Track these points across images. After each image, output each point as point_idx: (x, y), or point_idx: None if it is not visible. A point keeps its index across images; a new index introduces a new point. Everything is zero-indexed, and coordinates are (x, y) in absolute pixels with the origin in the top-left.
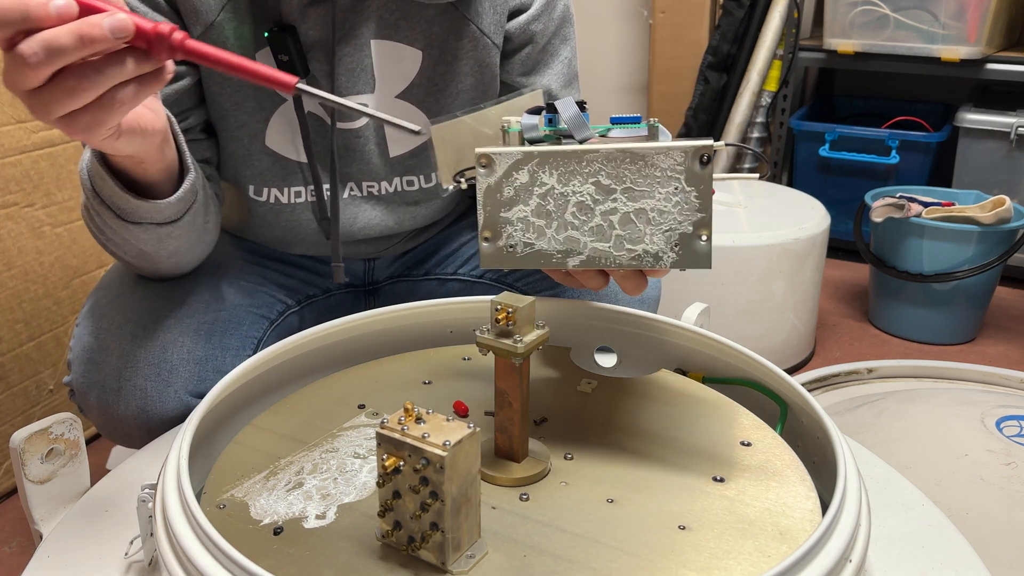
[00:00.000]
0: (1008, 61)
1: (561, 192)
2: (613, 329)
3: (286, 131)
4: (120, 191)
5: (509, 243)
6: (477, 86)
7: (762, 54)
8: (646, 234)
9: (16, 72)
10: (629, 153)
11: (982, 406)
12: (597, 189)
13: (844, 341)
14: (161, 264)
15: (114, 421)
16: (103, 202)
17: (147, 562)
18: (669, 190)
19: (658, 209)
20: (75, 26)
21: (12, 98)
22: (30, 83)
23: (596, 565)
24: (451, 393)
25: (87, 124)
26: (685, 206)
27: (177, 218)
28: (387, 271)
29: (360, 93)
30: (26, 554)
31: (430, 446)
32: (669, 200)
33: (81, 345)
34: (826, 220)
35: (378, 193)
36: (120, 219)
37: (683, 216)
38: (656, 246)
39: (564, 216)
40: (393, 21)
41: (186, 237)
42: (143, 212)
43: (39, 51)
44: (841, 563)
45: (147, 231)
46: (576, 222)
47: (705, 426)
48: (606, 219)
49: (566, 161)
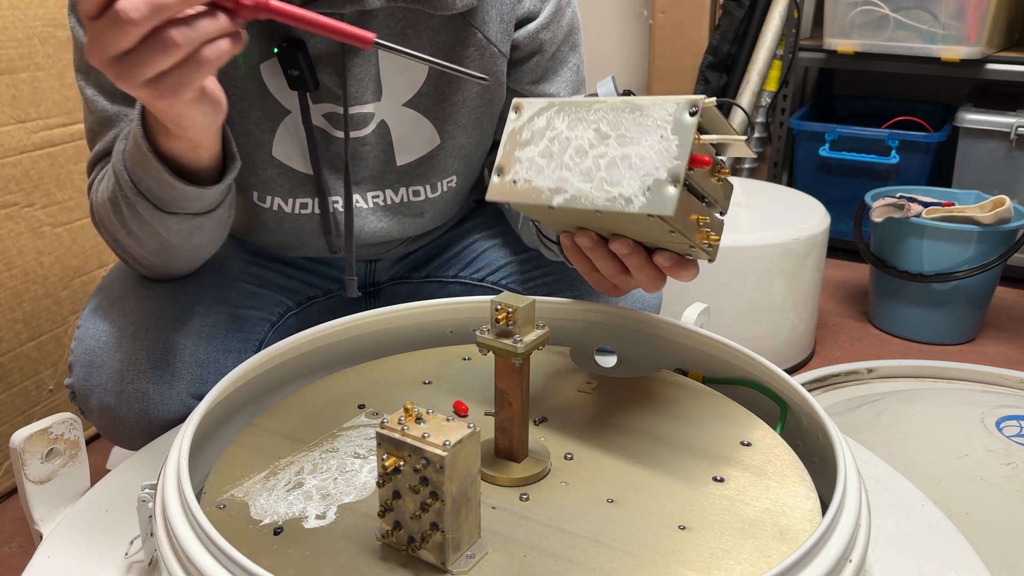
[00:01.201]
0: (1008, 61)
1: (566, 136)
2: (613, 329)
3: (293, 142)
4: (169, 177)
5: (513, 178)
6: (483, 94)
7: (762, 54)
8: (624, 177)
9: (111, 34)
10: (630, 104)
11: (982, 406)
12: (596, 135)
13: (844, 341)
14: (178, 259)
15: (115, 424)
16: (140, 192)
17: (147, 562)
18: (655, 138)
19: (641, 155)
20: None
21: (12, 98)
22: (123, 44)
23: (596, 565)
24: (451, 393)
25: (174, 85)
26: (665, 154)
27: (213, 208)
28: (388, 273)
29: (367, 103)
30: (26, 554)
31: (430, 446)
32: (653, 148)
33: (83, 347)
34: (826, 220)
35: (383, 203)
36: (157, 209)
37: (660, 162)
38: (630, 190)
39: (563, 158)
40: (400, 30)
41: (214, 230)
42: (186, 200)
43: (141, 6)
44: (841, 563)
45: (181, 222)
46: (571, 163)
47: (705, 426)
48: (596, 162)
49: (577, 109)
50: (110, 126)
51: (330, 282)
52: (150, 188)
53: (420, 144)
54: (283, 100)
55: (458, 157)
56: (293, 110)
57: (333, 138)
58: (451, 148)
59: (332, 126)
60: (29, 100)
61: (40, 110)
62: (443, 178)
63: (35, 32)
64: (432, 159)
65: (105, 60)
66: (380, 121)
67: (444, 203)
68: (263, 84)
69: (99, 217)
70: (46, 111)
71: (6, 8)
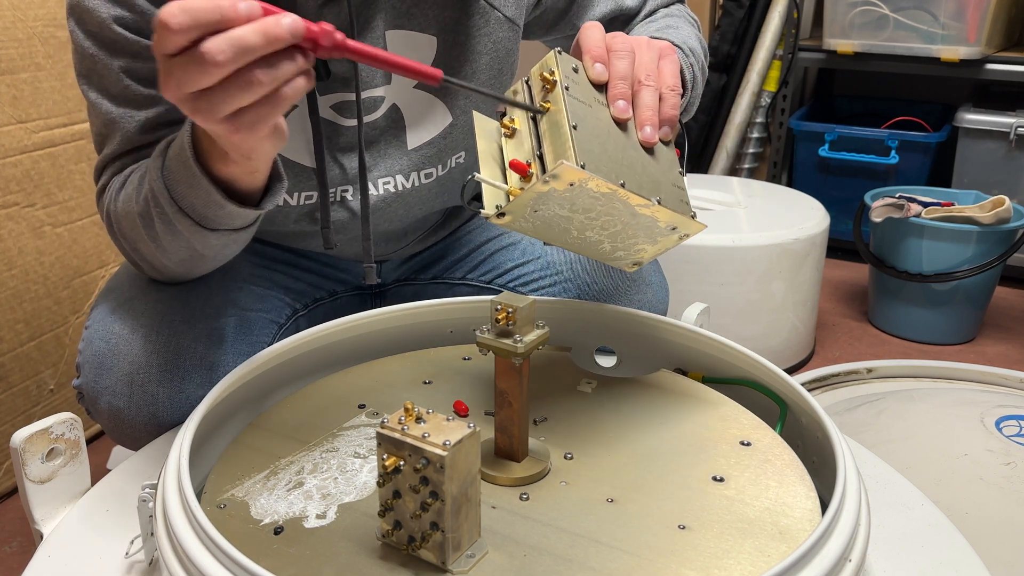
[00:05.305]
0: (1008, 61)
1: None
2: (613, 329)
3: (299, 136)
4: (221, 199)
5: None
6: (492, 65)
7: (762, 54)
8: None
9: (193, 72)
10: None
11: (982, 406)
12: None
13: (844, 341)
14: (201, 268)
15: (124, 426)
16: (182, 210)
17: (147, 562)
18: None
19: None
20: (259, 25)
21: (12, 98)
22: (204, 83)
23: (596, 565)
24: (451, 393)
25: (251, 121)
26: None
27: (254, 222)
28: (394, 274)
29: (377, 86)
30: (26, 554)
31: (430, 446)
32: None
33: (92, 349)
34: (826, 220)
35: (394, 189)
36: (199, 226)
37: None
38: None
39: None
40: (405, 10)
41: (247, 241)
42: (231, 219)
43: (227, 49)
44: (841, 563)
45: (220, 237)
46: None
47: (705, 426)
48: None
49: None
50: (116, 129)
51: (336, 284)
52: (194, 207)
53: (433, 125)
54: None
55: (469, 133)
56: (300, 103)
57: (342, 128)
58: (463, 125)
59: (341, 115)
60: (30, 100)
61: (41, 110)
62: (453, 155)
63: (36, 32)
64: (445, 138)
65: (182, 96)
66: (391, 105)
67: (452, 182)
68: None
69: (119, 227)
70: (47, 111)
71: (6, 8)
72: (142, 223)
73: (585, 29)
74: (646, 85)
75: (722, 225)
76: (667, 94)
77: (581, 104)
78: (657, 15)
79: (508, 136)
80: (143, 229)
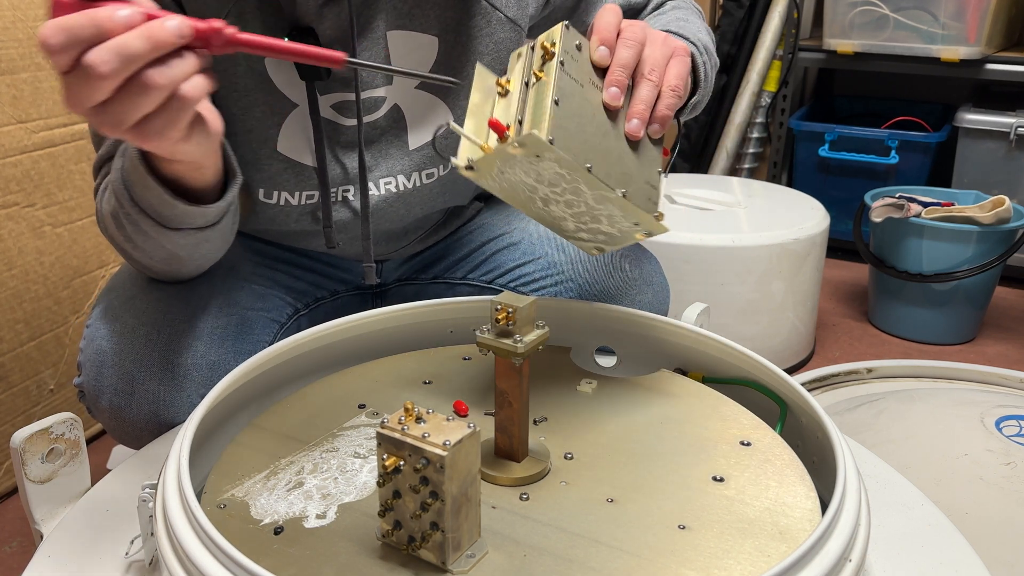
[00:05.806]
0: (1008, 61)
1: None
2: (613, 329)
3: (300, 136)
4: (171, 199)
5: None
6: (494, 65)
7: (762, 54)
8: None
9: (85, 87)
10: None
11: (982, 406)
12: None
13: (844, 341)
14: (186, 267)
15: (125, 424)
16: (143, 211)
17: (147, 562)
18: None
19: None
20: (142, 31)
21: (12, 98)
22: (99, 95)
23: (596, 565)
24: (451, 393)
25: (160, 127)
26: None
27: (217, 221)
28: (395, 274)
29: (378, 86)
30: (26, 554)
31: (430, 446)
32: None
33: (93, 348)
34: (826, 220)
35: (396, 189)
36: (160, 226)
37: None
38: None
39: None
40: (407, 10)
41: (220, 238)
42: (189, 218)
43: (111, 59)
44: (841, 563)
45: (186, 236)
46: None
47: (705, 426)
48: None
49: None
50: None
51: (337, 283)
52: (152, 206)
53: (434, 125)
54: (290, 93)
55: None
56: (300, 103)
57: (343, 127)
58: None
59: (341, 115)
60: (30, 100)
61: (41, 110)
62: (453, 154)
63: (35, 32)
64: (446, 138)
65: (85, 111)
66: (393, 105)
67: (453, 182)
68: (268, 79)
69: (105, 227)
70: (47, 111)
71: (6, 8)
72: (115, 224)
73: (603, 11)
74: (648, 80)
75: (722, 225)
76: (666, 93)
77: (572, 82)
78: (665, 7)
79: (501, 95)
80: (118, 230)
